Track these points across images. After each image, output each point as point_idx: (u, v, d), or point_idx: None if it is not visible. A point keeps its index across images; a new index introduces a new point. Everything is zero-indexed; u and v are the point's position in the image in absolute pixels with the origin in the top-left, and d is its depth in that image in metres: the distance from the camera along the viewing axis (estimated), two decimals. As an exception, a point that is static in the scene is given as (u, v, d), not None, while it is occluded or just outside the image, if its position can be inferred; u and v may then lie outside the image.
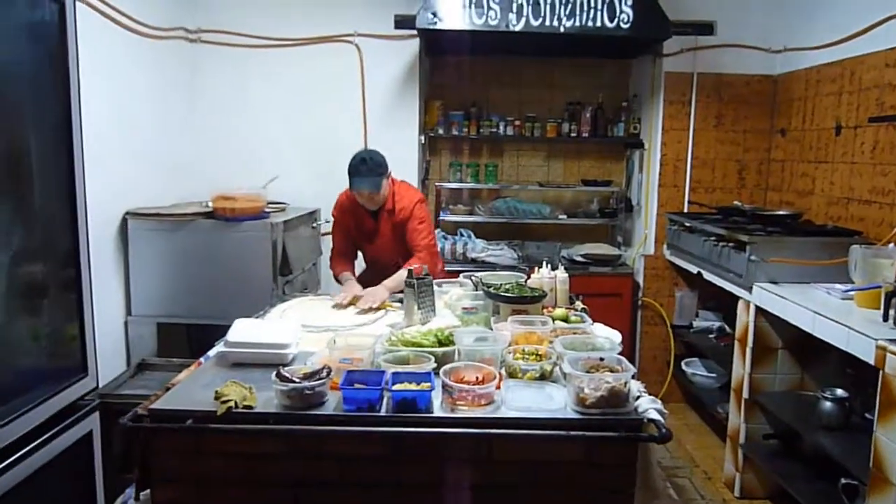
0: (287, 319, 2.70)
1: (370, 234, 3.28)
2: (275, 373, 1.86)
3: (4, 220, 1.17)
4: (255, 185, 3.75)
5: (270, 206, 3.78)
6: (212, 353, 2.34)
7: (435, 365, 1.98)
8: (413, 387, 1.84)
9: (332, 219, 3.40)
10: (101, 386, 1.46)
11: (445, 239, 4.59)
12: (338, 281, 3.29)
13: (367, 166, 3.00)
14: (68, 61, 1.32)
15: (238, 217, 3.43)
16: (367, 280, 3.19)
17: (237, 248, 3.43)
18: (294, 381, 1.83)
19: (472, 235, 4.64)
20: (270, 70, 4.30)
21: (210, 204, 3.55)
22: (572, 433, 1.73)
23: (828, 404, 2.73)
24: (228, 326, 2.51)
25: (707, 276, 3.71)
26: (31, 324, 1.31)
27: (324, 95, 4.30)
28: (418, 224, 3.17)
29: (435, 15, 3.61)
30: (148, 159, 3.67)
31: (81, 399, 1.44)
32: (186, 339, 3.74)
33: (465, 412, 1.80)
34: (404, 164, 4.09)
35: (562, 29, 3.61)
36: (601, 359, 1.95)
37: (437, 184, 4.80)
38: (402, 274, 2.78)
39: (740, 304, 3.27)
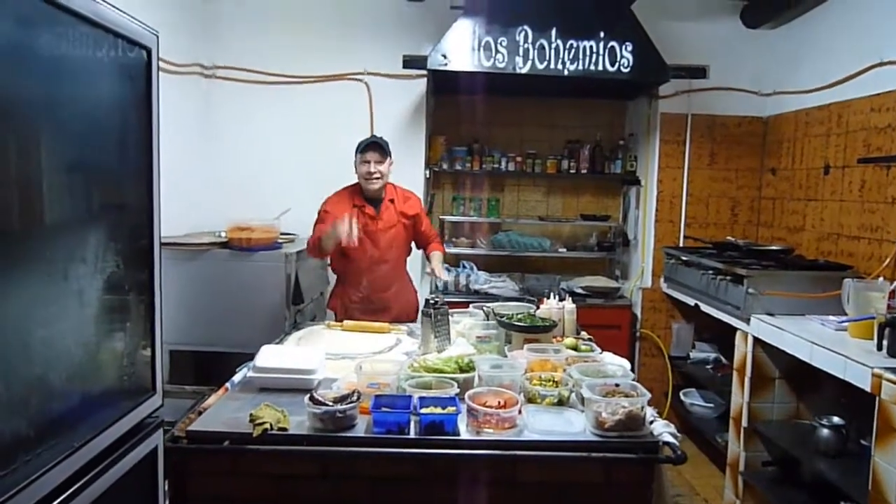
0: (307, 346, 2.78)
1: (372, 222, 3.38)
2: (308, 396, 1.95)
3: (100, 246, 1.27)
4: (267, 217, 3.85)
5: (282, 236, 3.88)
6: (236, 378, 2.42)
7: (458, 390, 2.08)
8: (439, 410, 1.94)
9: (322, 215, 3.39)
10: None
11: (449, 271, 4.69)
12: (318, 252, 3.30)
13: (377, 139, 3.42)
14: (152, 98, 1.43)
15: (253, 247, 3.52)
16: (344, 294, 3.45)
17: (251, 277, 3.50)
18: (327, 405, 1.92)
19: (475, 267, 4.75)
20: (282, 105, 4.45)
21: (224, 234, 3.64)
22: (593, 454, 1.83)
23: (825, 431, 2.85)
24: (239, 354, 2.59)
25: (704, 308, 3.84)
26: (115, 345, 1.40)
27: (333, 130, 4.42)
28: (429, 223, 3.72)
29: (445, 56, 3.78)
30: (162, 190, 3.76)
31: (149, 416, 1.53)
32: (193, 365, 3.80)
33: (490, 435, 1.89)
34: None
35: (566, 72, 3.79)
36: (616, 385, 2.06)
37: (440, 216, 4.94)
38: (437, 255, 3.56)
39: (738, 335, 3.39)
